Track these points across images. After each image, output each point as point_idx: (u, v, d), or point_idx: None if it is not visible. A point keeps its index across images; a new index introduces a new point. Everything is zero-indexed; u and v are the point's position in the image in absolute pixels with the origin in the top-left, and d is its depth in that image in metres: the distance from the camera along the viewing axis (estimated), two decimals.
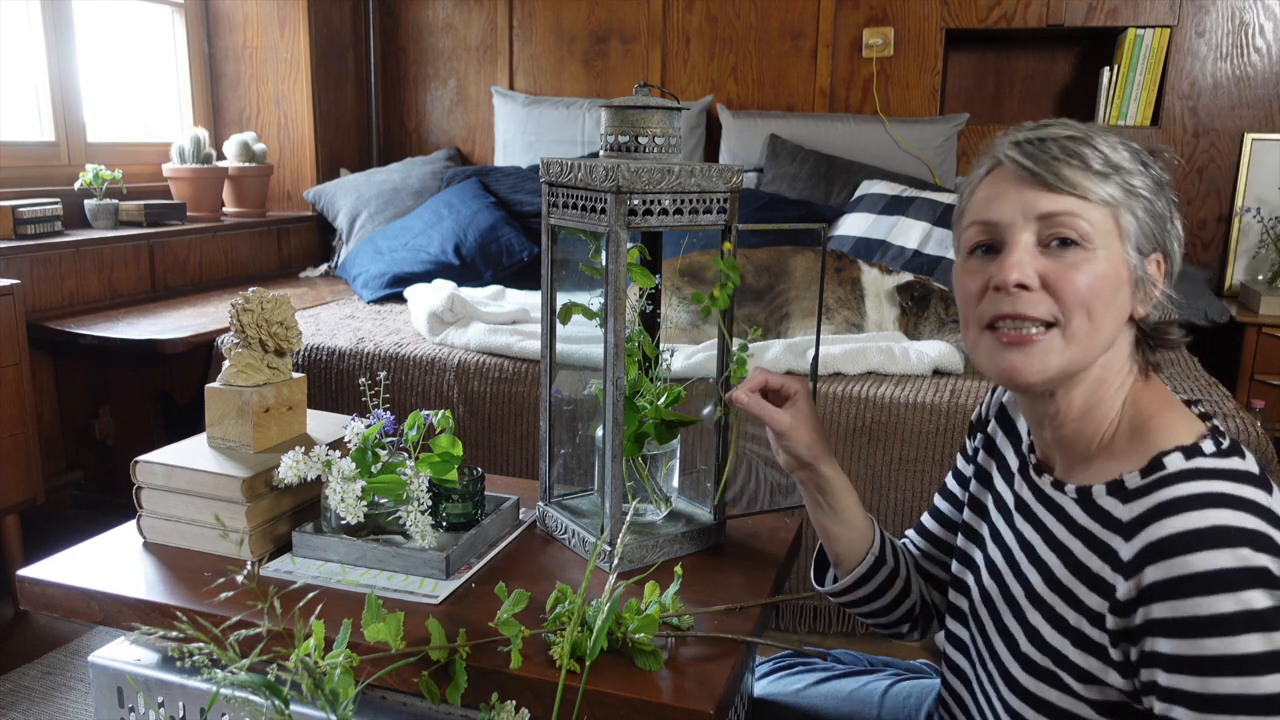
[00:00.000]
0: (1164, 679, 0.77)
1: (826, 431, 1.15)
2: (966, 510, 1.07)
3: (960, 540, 1.07)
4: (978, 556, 1.03)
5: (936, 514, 1.15)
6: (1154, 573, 0.77)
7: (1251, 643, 0.73)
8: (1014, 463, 1.01)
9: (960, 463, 1.12)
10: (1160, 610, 0.76)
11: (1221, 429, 0.86)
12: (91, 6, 3.13)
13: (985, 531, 1.02)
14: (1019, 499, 0.97)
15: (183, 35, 3.54)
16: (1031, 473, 0.96)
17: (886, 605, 1.14)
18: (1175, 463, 0.81)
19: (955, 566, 1.07)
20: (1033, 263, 0.84)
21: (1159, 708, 0.78)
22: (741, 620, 1.10)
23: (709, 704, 0.94)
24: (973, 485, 1.07)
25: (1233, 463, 0.81)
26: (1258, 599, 0.73)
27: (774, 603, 1.19)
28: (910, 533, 1.20)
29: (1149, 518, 0.79)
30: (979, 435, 1.09)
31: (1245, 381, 2.83)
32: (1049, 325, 0.84)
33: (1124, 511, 0.82)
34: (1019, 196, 0.84)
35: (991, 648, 0.96)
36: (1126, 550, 0.80)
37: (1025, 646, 0.90)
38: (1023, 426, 1.02)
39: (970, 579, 1.03)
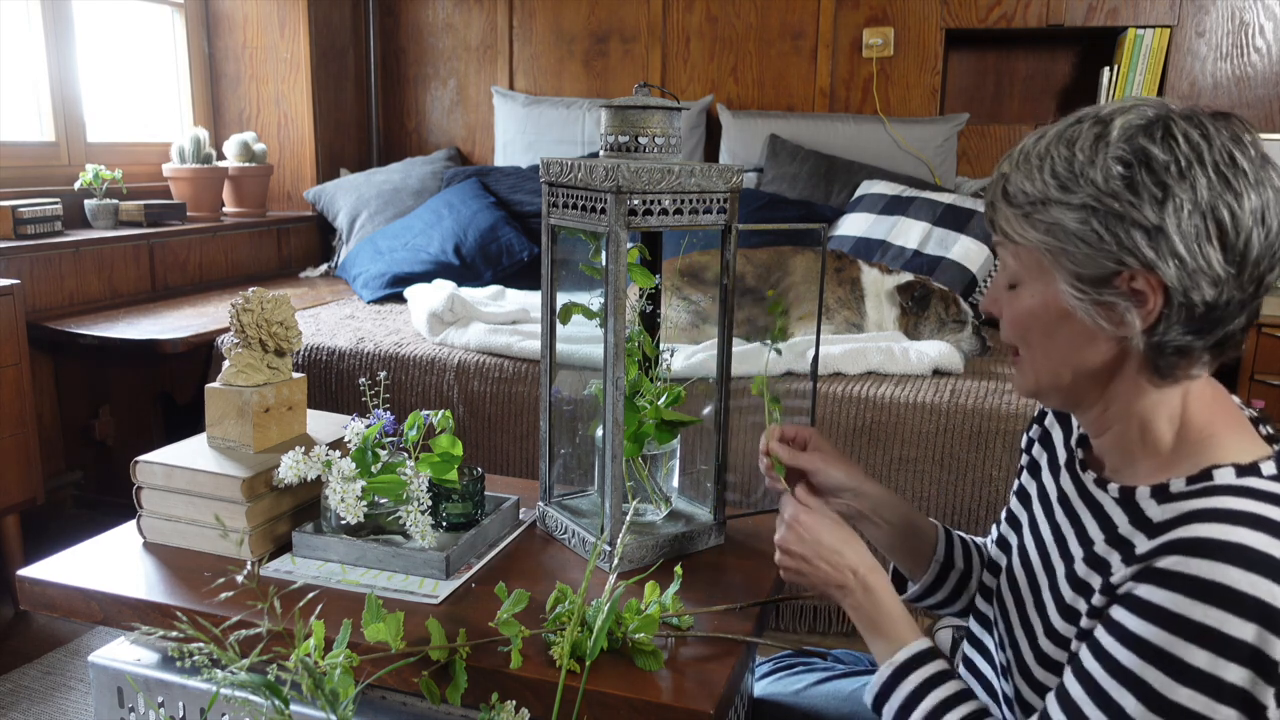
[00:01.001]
0: (1103, 636, 0.77)
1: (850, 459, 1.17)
2: (1013, 499, 1.08)
3: (1003, 528, 1.08)
4: (1013, 541, 1.03)
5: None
6: (1162, 562, 0.75)
7: (1199, 657, 0.71)
8: (1062, 455, 1.00)
9: (1023, 458, 1.12)
10: (1144, 591, 0.75)
11: None
12: (91, 6, 3.13)
13: (1024, 520, 1.02)
14: (1061, 491, 0.97)
15: (183, 35, 3.54)
16: (1076, 467, 0.96)
17: (967, 607, 1.16)
18: (1226, 477, 0.79)
19: (993, 550, 1.08)
20: (998, 297, 0.90)
21: (1080, 647, 0.79)
22: (741, 620, 1.10)
23: (709, 704, 0.94)
24: (1023, 475, 1.08)
25: None
26: (1242, 629, 0.70)
27: (774, 602, 1.19)
28: (994, 528, 1.20)
29: (1180, 521, 0.76)
30: (1035, 427, 1.09)
31: (1245, 381, 2.82)
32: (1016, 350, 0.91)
33: (1158, 512, 0.80)
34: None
35: (1013, 635, 0.96)
36: (1144, 545, 0.78)
37: (1043, 641, 0.90)
38: (1075, 420, 1.02)
39: (1003, 563, 1.04)
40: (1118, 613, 0.77)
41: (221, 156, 3.44)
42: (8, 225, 2.56)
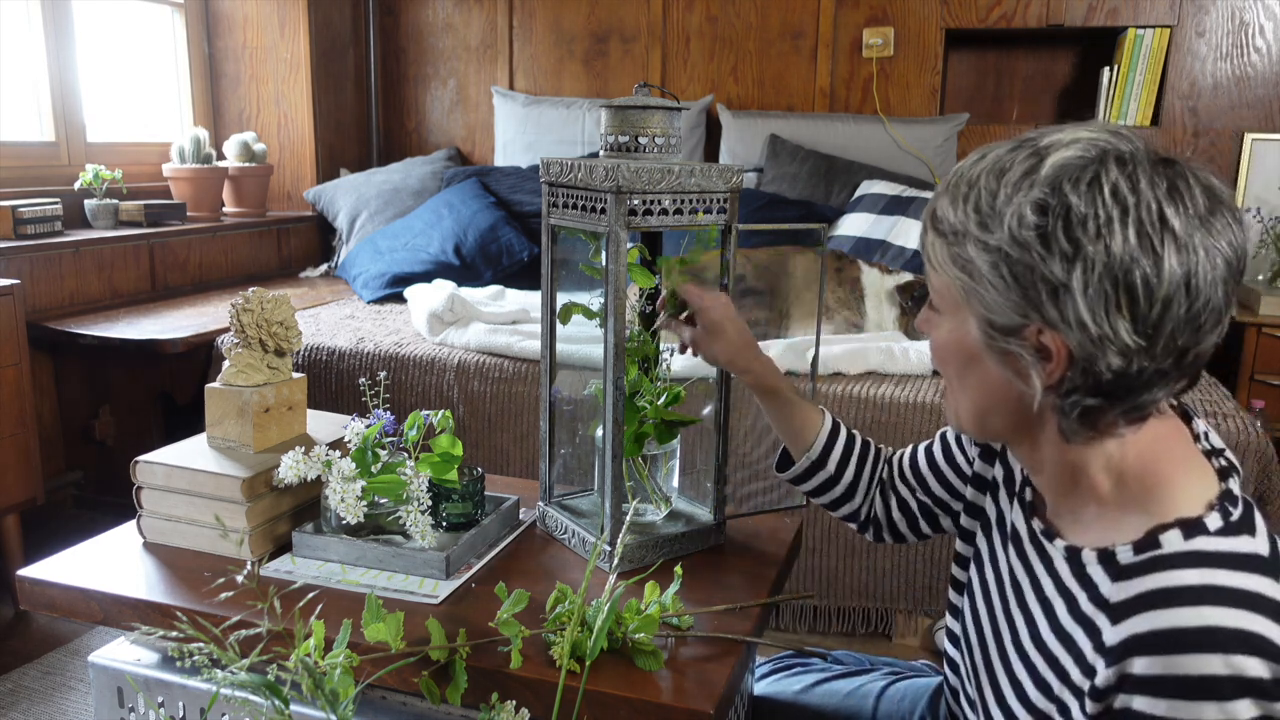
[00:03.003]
0: None
1: (746, 342, 1.19)
2: (964, 516, 1.05)
3: (959, 545, 1.06)
4: (972, 570, 1.01)
5: (929, 457, 1.13)
6: (1139, 666, 0.71)
7: None
8: (1019, 479, 0.96)
9: (962, 443, 1.08)
10: (1141, 704, 0.72)
11: (1236, 493, 0.78)
12: (91, 6, 3.13)
13: (984, 546, 1.00)
14: (1014, 527, 0.94)
15: (183, 35, 3.54)
16: (1025, 509, 0.92)
17: (829, 502, 1.21)
18: (1173, 542, 0.74)
19: (957, 556, 1.05)
20: (927, 316, 0.87)
21: None
22: (741, 620, 1.10)
23: (709, 704, 0.94)
24: (969, 491, 1.05)
25: (1239, 543, 0.73)
26: (1243, 710, 0.68)
27: (774, 603, 1.19)
28: (905, 453, 1.19)
29: (1138, 605, 0.73)
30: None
31: (1245, 381, 2.83)
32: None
33: (1112, 590, 0.76)
34: None
35: (978, 682, 0.95)
36: (1111, 635, 0.74)
37: (1010, 699, 0.88)
38: None
39: (964, 579, 1.02)
40: None
41: (221, 156, 3.44)
42: (8, 225, 2.56)
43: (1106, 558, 0.78)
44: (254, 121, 3.66)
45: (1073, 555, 0.82)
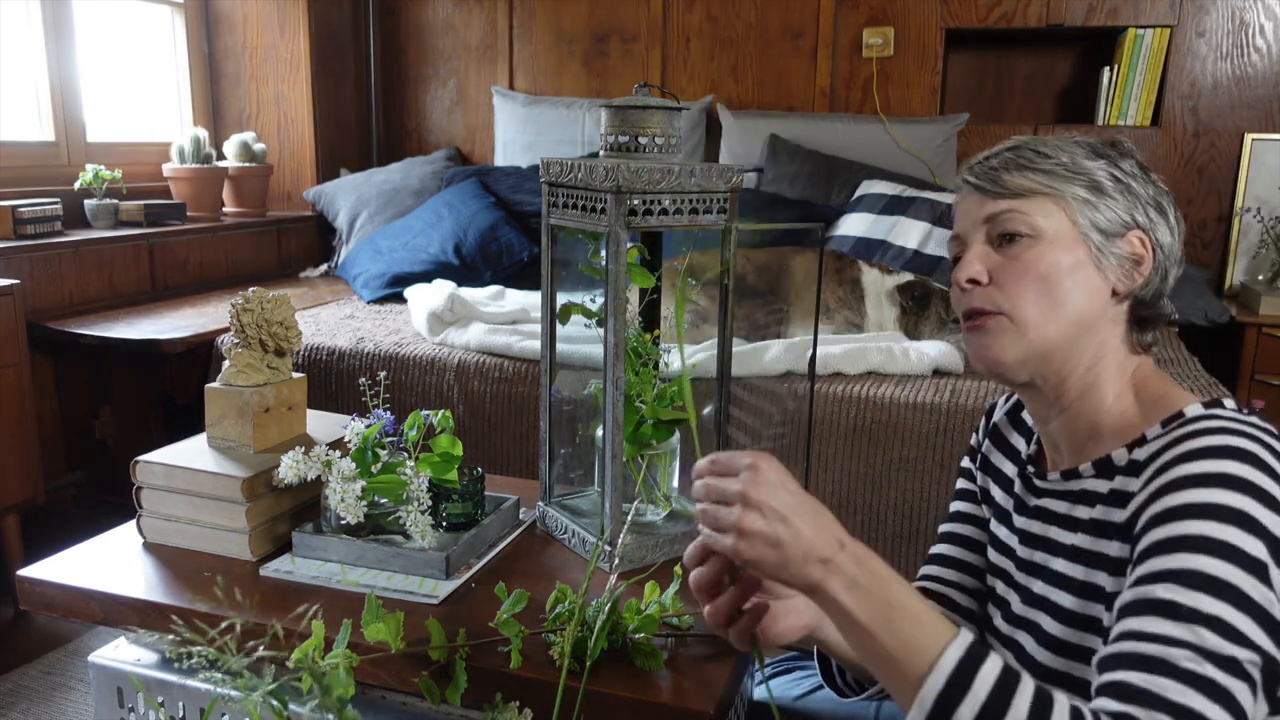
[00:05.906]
0: (1151, 563, 0.76)
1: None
2: (992, 552, 1.04)
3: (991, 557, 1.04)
4: (999, 583, 1.01)
5: (957, 539, 1.08)
6: (1156, 506, 0.78)
7: (1226, 533, 0.74)
8: (1013, 473, 1.00)
9: (963, 483, 1.10)
10: (1154, 533, 0.77)
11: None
12: (91, 6, 3.13)
13: (1010, 565, 0.99)
14: (1019, 501, 0.97)
15: (183, 35, 3.54)
16: (1035, 481, 0.95)
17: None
18: (1195, 410, 0.84)
19: (988, 577, 1.05)
20: (983, 261, 0.92)
21: (1129, 598, 0.76)
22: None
23: (709, 704, 0.94)
24: (985, 509, 1.06)
25: (1254, 420, 0.83)
26: (1246, 541, 0.73)
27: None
28: (932, 569, 1.09)
29: (1164, 452, 0.81)
30: (979, 455, 1.07)
31: (1245, 381, 2.83)
32: (1001, 313, 0.91)
33: (1141, 452, 0.84)
34: (971, 208, 0.94)
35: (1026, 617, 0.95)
36: (1137, 485, 0.82)
37: (1049, 627, 0.89)
38: (1018, 443, 1.03)
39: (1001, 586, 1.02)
40: (1149, 537, 0.77)
41: (221, 156, 3.44)
42: (8, 225, 2.56)
43: (1136, 443, 0.86)
44: (254, 121, 3.66)
45: (1102, 465, 0.88)
